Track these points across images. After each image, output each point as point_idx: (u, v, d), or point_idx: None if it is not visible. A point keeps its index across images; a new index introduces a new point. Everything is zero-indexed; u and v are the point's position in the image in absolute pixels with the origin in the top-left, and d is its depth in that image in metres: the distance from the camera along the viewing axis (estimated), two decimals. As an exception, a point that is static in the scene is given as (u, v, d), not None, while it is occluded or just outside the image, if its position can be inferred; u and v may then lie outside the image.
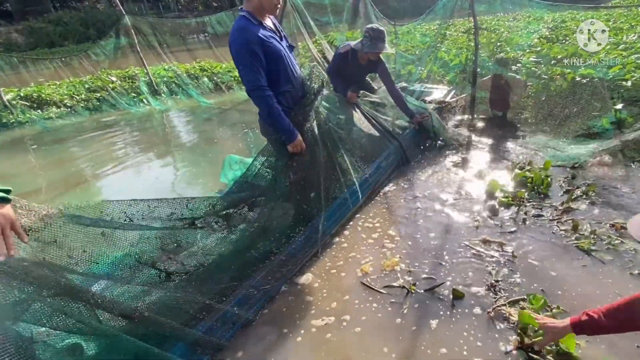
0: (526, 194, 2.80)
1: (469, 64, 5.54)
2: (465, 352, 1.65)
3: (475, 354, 1.64)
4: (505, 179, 3.11)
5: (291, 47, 2.28)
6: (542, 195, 2.82)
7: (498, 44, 6.45)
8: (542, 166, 3.17)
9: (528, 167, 3.22)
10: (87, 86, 8.08)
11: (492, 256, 2.22)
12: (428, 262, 2.25)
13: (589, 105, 3.98)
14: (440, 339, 1.73)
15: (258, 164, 2.20)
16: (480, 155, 3.67)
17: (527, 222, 2.50)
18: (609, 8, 7.72)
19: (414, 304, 1.95)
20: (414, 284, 2.05)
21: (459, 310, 1.89)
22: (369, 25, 3.30)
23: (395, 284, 2.09)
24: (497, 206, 2.72)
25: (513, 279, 2.03)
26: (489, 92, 4.63)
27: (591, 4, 4.21)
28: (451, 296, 1.96)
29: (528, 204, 2.71)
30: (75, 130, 6.77)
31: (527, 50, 5.81)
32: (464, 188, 3.07)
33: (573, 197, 2.70)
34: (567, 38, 6.50)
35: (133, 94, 8.01)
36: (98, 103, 7.72)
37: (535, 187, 2.88)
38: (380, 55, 3.40)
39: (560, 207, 2.61)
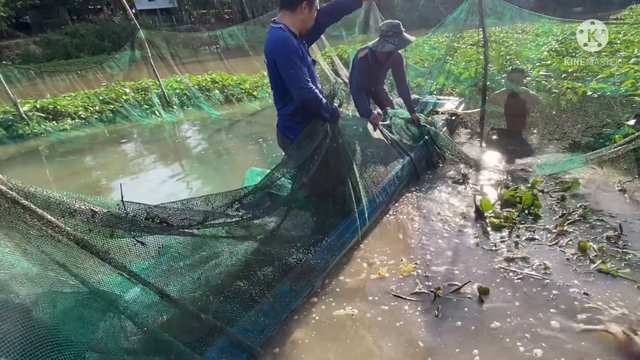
0: (516, 215, 2.72)
1: (479, 77, 5.54)
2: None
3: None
4: (497, 197, 3.08)
5: (313, 62, 2.35)
6: (532, 216, 2.73)
7: (507, 57, 6.44)
8: (529, 185, 3.12)
9: (515, 186, 3.14)
10: (101, 98, 8.26)
11: (513, 270, 2.21)
12: (442, 269, 2.32)
13: (599, 120, 3.95)
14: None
15: (277, 174, 2.24)
16: (482, 172, 3.63)
17: (519, 245, 2.44)
18: (616, 23, 7.69)
19: (444, 305, 2.03)
20: (439, 288, 2.10)
21: (487, 303, 2.00)
22: (385, 23, 3.35)
23: (419, 290, 2.16)
24: (487, 227, 2.65)
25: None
26: (502, 107, 4.59)
27: (598, 19, 4.18)
28: (477, 293, 2.05)
29: (521, 226, 2.62)
30: (89, 142, 6.92)
31: (537, 64, 5.79)
32: (460, 205, 3.04)
33: (569, 221, 2.60)
34: (577, 50, 6.46)
35: (145, 106, 8.16)
36: (111, 115, 7.88)
37: (525, 208, 2.79)
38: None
39: (554, 230, 2.53)
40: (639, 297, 1.91)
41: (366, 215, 2.68)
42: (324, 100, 2.23)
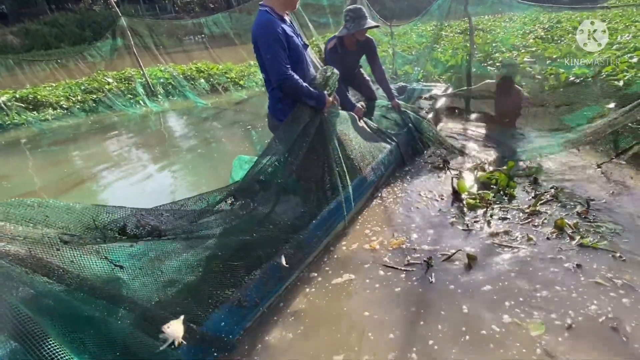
0: (492, 195, 2.78)
1: (464, 64, 5.57)
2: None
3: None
4: (474, 180, 3.13)
5: (305, 46, 2.34)
6: (508, 197, 2.80)
7: (494, 44, 6.48)
8: (504, 167, 3.17)
9: (491, 169, 3.20)
10: (83, 87, 8.07)
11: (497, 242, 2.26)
12: (428, 243, 2.41)
13: (580, 104, 4.02)
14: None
15: (265, 161, 2.21)
16: (462, 157, 3.66)
17: (491, 223, 2.51)
18: (605, 8, 7.77)
19: (437, 272, 2.13)
20: (431, 258, 2.20)
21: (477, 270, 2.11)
22: (347, 8, 3.33)
23: (411, 261, 2.24)
24: (464, 207, 2.72)
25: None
26: (494, 97, 4.49)
27: (585, 5, 4.22)
28: (467, 260, 2.16)
29: (496, 206, 2.68)
30: (72, 132, 6.77)
31: (522, 51, 5.85)
32: (440, 188, 3.09)
33: (542, 201, 2.67)
34: (563, 38, 6.55)
35: (129, 96, 8.00)
36: (94, 104, 7.71)
37: (500, 189, 2.85)
38: (367, 34, 3.44)
39: (527, 210, 2.59)
40: (622, 266, 2.01)
41: (352, 201, 2.69)
42: (305, 87, 2.20)
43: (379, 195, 3.10)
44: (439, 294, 1.97)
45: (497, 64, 5.60)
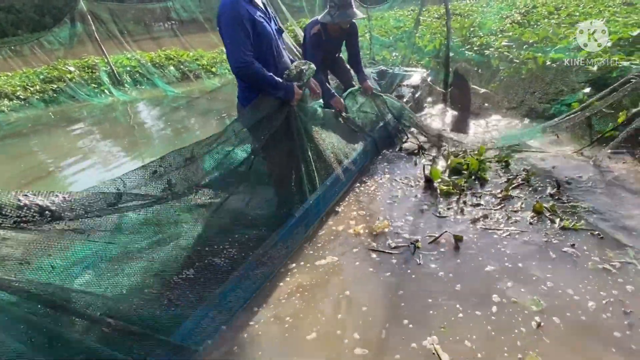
0: (464, 181, 2.76)
1: (443, 49, 5.50)
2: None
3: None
4: (446, 166, 3.09)
5: (280, 31, 2.15)
6: (480, 181, 2.78)
7: (471, 28, 6.44)
8: (476, 152, 3.14)
9: (462, 154, 3.18)
10: (42, 77, 7.54)
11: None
12: (410, 228, 2.37)
13: (556, 88, 4.03)
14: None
15: (215, 146, 1.98)
16: (439, 144, 3.59)
17: (465, 210, 2.47)
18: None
19: (424, 254, 2.11)
20: (417, 240, 2.18)
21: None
22: None
23: (397, 245, 2.20)
24: (438, 195, 2.68)
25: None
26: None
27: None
28: (453, 240, 2.15)
29: (468, 192, 2.66)
30: (31, 124, 6.32)
31: (500, 35, 5.83)
32: (416, 175, 3.03)
33: (513, 185, 2.66)
34: (539, 22, 6.57)
35: (93, 85, 7.54)
36: (55, 94, 7.22)
37: (472, 174, 2.83)
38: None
39: (499, 195, 2.57)
40: (605, 246, 2.02)
41: (320, 206, 2.55)
42: (268, 76, 1.99)
43: (359, 183, 3.00)
44: (425, 274, 1.95)
45: (475, 49, 5.57)
